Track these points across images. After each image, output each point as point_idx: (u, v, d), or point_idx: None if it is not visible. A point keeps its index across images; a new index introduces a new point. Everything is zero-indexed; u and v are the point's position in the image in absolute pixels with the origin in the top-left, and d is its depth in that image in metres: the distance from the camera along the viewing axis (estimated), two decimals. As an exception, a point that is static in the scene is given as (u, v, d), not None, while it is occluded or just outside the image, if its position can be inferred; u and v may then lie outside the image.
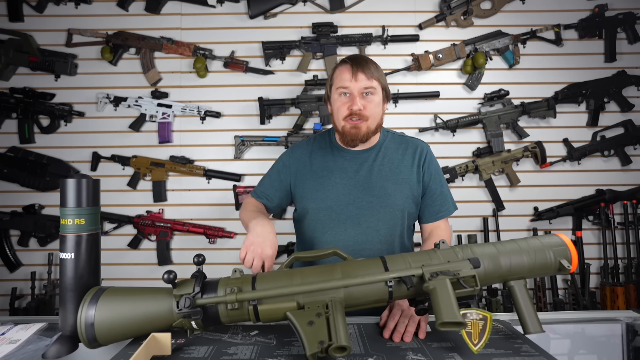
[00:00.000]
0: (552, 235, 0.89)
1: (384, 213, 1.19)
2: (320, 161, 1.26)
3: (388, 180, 1.21)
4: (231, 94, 2.33)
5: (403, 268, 0.82)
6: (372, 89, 1.17)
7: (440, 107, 2.32)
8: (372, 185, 1.20)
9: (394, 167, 1.23)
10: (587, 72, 2.31)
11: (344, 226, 1.19)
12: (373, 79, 1.18)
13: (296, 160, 1.29)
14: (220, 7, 2.33)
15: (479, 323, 0.77)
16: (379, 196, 1.19)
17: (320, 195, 1.22)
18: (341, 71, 1.20)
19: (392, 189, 1.20)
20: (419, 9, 2.33)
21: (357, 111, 1.16)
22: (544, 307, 2.19)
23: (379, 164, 1.23)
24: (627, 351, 1.02)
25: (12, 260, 2.26)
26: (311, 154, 1.29)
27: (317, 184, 1.23)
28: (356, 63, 1.18)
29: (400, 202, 1.20)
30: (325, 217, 1.21)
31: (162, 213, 2.29)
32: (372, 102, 1.18)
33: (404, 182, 1.22)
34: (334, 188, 1.22)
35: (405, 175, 1.23)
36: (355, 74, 1.16)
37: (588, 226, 2.31)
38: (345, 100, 1.18)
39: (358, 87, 1.16)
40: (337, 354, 0.68)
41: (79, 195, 0.84)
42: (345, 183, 1.22)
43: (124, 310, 0.79)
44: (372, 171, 1.22)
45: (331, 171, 1.24)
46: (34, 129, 2.30)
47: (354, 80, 1.16)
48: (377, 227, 1.19)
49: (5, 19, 2.29)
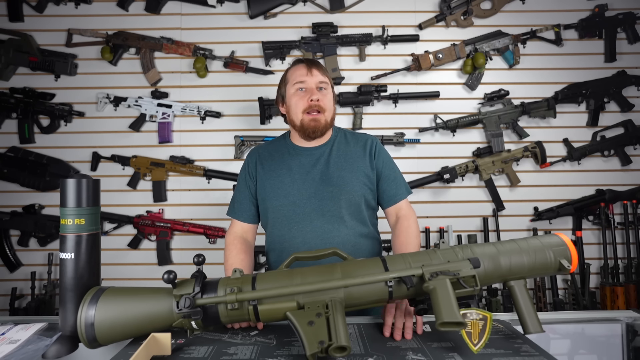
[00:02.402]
0: (552, 235, 0.89)
1: (345, 200, 1.23)
2: (278, 162, 1.31)
3: (344, 169, 1.26)
4: (231, 94, 2.33)
5: (403, 268, 0.82)
6: (325, 84, 1.27)
7: (440, 107, 2.32)
8: (330, 175, 1.25)
9: (348, 157, 1.29)
10: (587, 72, 2.31)
11: (309, 218, 1.22)
12: (325, 75, 1.28)
13: (254, 166, 1.33)
14: (220, 7, 2.33)
15: (479, 323, 0.77)
16: (338, 185, 1.24)
17: (281, 192, 1.26)
18: (296, 69, 1.28)
19: (349, 177, 1.26)
20: (419, 9, 2.34)
21: (317, 101, 1.23)
22: (544, 307, 2.19)
23: (335, 157, 1.29)
24: (627, 351, 1.02)
25: (12, 260, 2.26)
26: (268, 156, 1.33)
27: (277, 182, 1.27)
28: (309, 61, 1.28)
29: (358, 188, 1.25)
30: (290, 213, 1.24)
31: (162, 213, 2.29)
32: (327, 95, 1.26)
33: (359, 170, 1.27)
34: (294, 184, 1.26)
35: (359, 165, 1.28)
36: (310, 69, 1.25)
37: (588, 226, 2.31)
38: (302, 95, 1.25)
39: (314, 81, 1.25)
40: (337, 354, 0.68)
41: (79, 195, 0.84)
42: (305, 178, 1.26)
43: (124, 310, 0.79)
44: (329, 163, 1.27)
45: (289, 169, 1.28)
46: (34, 129, 2.30)
47: (310, 75, 1.25)
48: (341, 214, 1.22)
49: (5, 19, 2.29)
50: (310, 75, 1.24)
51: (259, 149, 1.37)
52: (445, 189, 2.31)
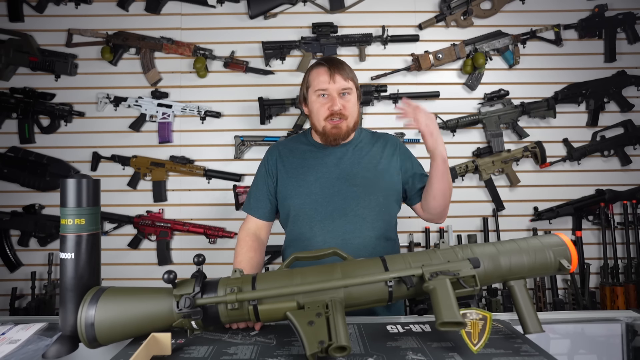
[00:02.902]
0: (552, 235, 0.89)
1: (369, 201, 1.22)
2: (300, 160, 1.29)
3: (368, 170, 1.26)
4: (231, 94, 2.33)
5: (403, 268, 0.82)
6: (349, 89, 1.23)
7: (440, 107, 2.32)
8: (354, 175, 1.24)
9: (372, 158, 1.28)
10: (587, 72, 2.31)
11: (331, 217, 1.21)
12: (349, 79, 1.23)
13: (274, 163, 1.32)
14: (220, 7, 2.33)
15: (479, 323, 0.77)
16: (362, 185, 1.23)
17: (304, 191, 1.24)
18: (318, 73, 1.24)
19: (374, 177, 1.25)
20: (419, 9, 2.33)
21: (338, 111, 1.20)
22: (544, 307, 2.19)
23: (358, 157, 1.28)
24: (627, 351, 1.02)
25: (12, 260, 2.26)
26: (289, 154, 1.32)
27: (299, 181, 1.26)
28: (332, 65, 1.23)
29: (383, 189, 1.25)
30: (312, 211, 1.22)
31: (162, 213, 2.29)
32: (349, 101, 1.24)
33: (383, 172, 1.27)
34: (317, 182, 1.24)
35: (383, 166, 1.28)
36: (332, 76, 1.21)
37: (588, 226, 2.31)
38: (324, 102, 1.23)
39: (336, 88, 1.21)
40: (337, 354, 0.68)
41: (79, 195, 0.84)
42: (328, 176, 1.25)
43: (124, 310, 0.79)
44: (353, 163, 1.27)
45: (312, 167, 1.27)
46: (34, 129, 2.30)
47: (332, 82, 1.21)
48: (364, 214, 1.21)
49: (5, 19, 2.29)
50: (332, 82, 1.21)
51: (279, 146, 1.35)
52: (445, 189, 2.31)
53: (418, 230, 2.29)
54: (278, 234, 1.36)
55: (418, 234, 2.28)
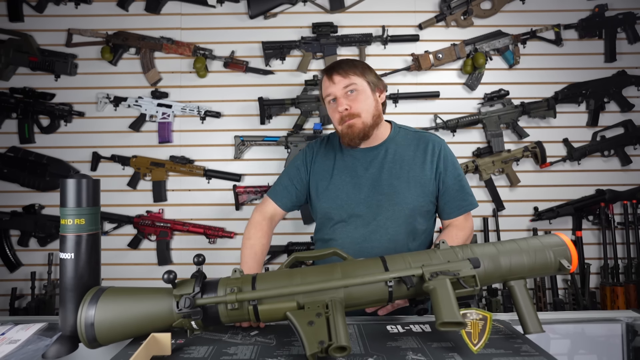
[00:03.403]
0: (552, 235, 0.89)
1: (393, 211, 1.18)
2: (331, 161, 1.28)
3: (398, 178, 1.20)
4: (231, 94, 2.33)
5: (403, 268, 0.82)
6: (352, 85, 1.18)
7: (440, 107, 2.32)
8: (382, 183, 1.20)
9: (405, 164, 1.22)
10: (587, 72, 2.31)
11: (353, 225, 1.20)
12: (350, 75, 1.19)
13: (311, 160, 1.32)
14: (220, 7, 2.32)
15: (479, 323, 0.77)
16: (388, 194, 1.19)
17: (331, 194, 1.23)
18: (324, 82, 1.24)
19: (402, 187, 1.19)
20: (419, 9, 2.33)
21: (344, 112, 1.18)
22: (544, 307, 2.19)
23: (389, 162, 1.22)
24: (627, 351, 1.02)
25: (12, 260, 2.26)
26: (324, 154, 1.31)
27: (328, 184, 1.25)
28: (330, 68, 1.22)
29: (410, 201, 1.18)
30: (337, 217, 1.22)
31: (162, 213, 2.29)
32: (357, 98, 1.19)
33: (415, 180, 1.20)
34: (344, 187, 1.23)
35: (416, 173, 1.20)
36: (331, 78, 1.20)
37: (588, 226, 2.31)
38: (334, 106, 1.21)
39: (339, 89, 1.19)
40: (337, 354, 0.68)
41: (79, 195, 0.84)
42: (355, 182, 1.22)
43: (124, 310, 0.79)
44: (382, 169, 1.22)
45: (341, 170, 1.25)
46: (34, 129, 2.30)
47: (333, 84, 1.19)
48: (386, 225, 1.18)
49: (5, 19, 2.29)
50: (333, 85, 1.19)
51: (315, 145, 1.35)
52: (445, 189, 2.31)
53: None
54: (277, 234, 1.37)
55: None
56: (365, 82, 1.21)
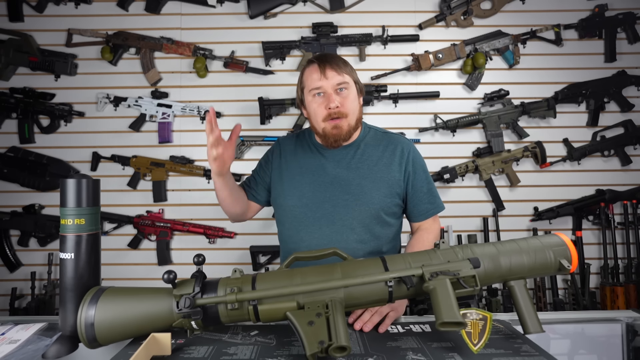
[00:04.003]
0: (552, 235, 0.89)
1: (359, 211, 1.16)
2: (300, 159, 1.25)
3: (365, 178, 1.18)
4: (231, 94, 2.33)
5: (403, 268, 0.82)
6: (345, 84, 1.15)
7: (440, 107, 2.32)
8: (349, 182, 1.18)
9: (373, 164, 1.20)
10: (587, 72, 2.31)
11: (318, 224, 1.17)
12: (344, 73, 1.15)
13: (277, 156, 1.29)
14: (220, 7, 2.33)
15: (479, 323, 0.77)
16: (355, 194, 1.17)
17: (297, 192, 1.20)
18: (310, 72, 1.18)
19: (369, 187, 1.17)
20: (419, 9, 2.33)
21: (335, 109, 1.13)
22: (544, 307, 2.19)
23: (357, 161, 1.20)
24: (627, 351, 1.02)
25: (12, 260, 2.26)
26: (293, 151, 1.28)
27: (295, 182, 1.22)
28: (323, 60, 1.16)
29: (377, 201, 1.17)
30: (301, 215, 1.19)
31: (162, 213, 2.29)
32: (347, 97, 1.16)
33: (382, 180, 1.18)
34: (310, 186, 1.20)
35: (384, 174, 1.19)
36: (324, 71, 1.14)
37: (588, 226, 2.31)
38: (320, 101, 1.15)
39: (331, 85, 1.14)
40: (337, 354, 0.68)
41: (79, 195, 0.84)
42: (323, 180, 1.20)
43: (124, 310, 0.79)
44: (350, 168, 1.20)
45: (309, 169, 1.22)
46: (34, 129, 2.30)
47: (325, 78, 1.14)
48: (352, 225, 1.16)
49: (5, 19, 2.29)
50: (324, 79, 1.13)
51: (283, 142, 1.32)
52: (445, 189, 2.31)
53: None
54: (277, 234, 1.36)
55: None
56: (354, 82, 1.19)
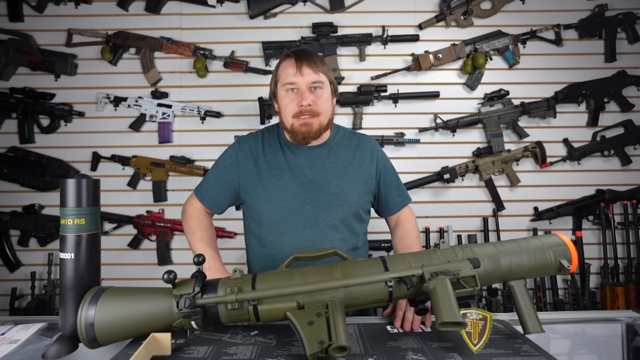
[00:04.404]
0: (552, 235, 0.89)
1: (342, 211, 1.15)
2: (271, 159, 1.19)
3: (343, 177, 1.18)
4: (231, 94, 2.32)
5: (403, 268, 0.82)
6: (320, 83, 1.12)
7: (440, 107, 2.32)
8: (328, 182, 1.16)
9: (347, 164, 1.20)
10: (587, 72, 2.31)
11: (301, 227, 1.14)
12: (320, 72, 1.12)
13: (245, 158, 1.21)
14: (220, 7, 2.33)
15: (479, 323, 0.77)
16: (335, 194, 1.15)
17: (274, 195, 1.16)
18: (285, 66, 1.13)
19: (348, 186, 1.17)
20: (419, 9, 2.33)
21: (307, 107, 1.10)
22: (544, 307, 2.19)
23: (332, 161, 1.19)
24: (627, 351, 1.02)
25: (12, 260, 2.26)
26: (261, 150, 1.21)
27: (269, 184, 1.17)
28: (300, 57, 1.12)
29: (356, 199, 1.18)
30: (281, 219, 1.15)
31: (162, 213, 2.29)
32: (321, 97, 1.13)
33: (358, 179, 1.19)
34: (288, 187, 1.16)
35: (359, 173, 1.20)
36: (300, 68, 1.10)
37: (588, 226, 2.31)
38: (293, 97, 1.12)
39: (305, 82, 1.11)
40: (337, 354, 0.68)
41: (79, 195, 0.83)
42: (300, 182, 1.16)
43: (124, 310, 0.79)
44: (326, 168, 1.18)
45: (283, 169, 1.18)
46: (34, 129, 2.30)
47: (300, 75, 1.10)
48: (336, 225, 1.15)
49: (5, 19, 2.29)
50: (300, 75, 1.10)
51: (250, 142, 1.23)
52: (445, 189, 2.31)
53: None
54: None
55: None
56: (329, 83, 1.16)
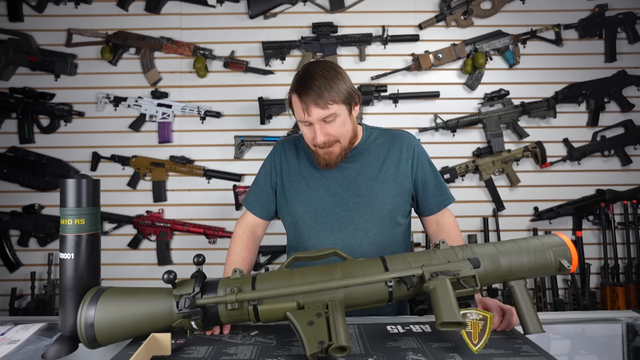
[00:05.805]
0: (552, 235, 0.89)
1: (372, 213, 1.14)
2: (305, 162, 1.21)
3: (375, 179, 1.16)
4: (231, 94, 2.33)
5: (403, 268, 0.82)
6: (331, 115, 1.07)
7: (440, 107, 2.32)
8: (359, 185, 1.16)
9: (380, 164, 1.18)
10: (587, 72, 2.31)
11: (330, 229, 1.15)
12: (328, 103, 1.06)
13: (281, 160, 1.24)
14: (220, 7, 2.33)
15: (479, 323, 0.77)
16: (366, 196, 1.15)
17: (305, 197, 1.17)
18: (295, 103, 1.11)
19: (379, 187, 1.16)
20: (419, 9, 2.33)
21: (321, 144, 1.09)
22: (544, 307, 2.19)
23: (365, 163, 1.19)
24: (627, 351, 1.02)
25: (12, 260, 2.26)
26: (294, 155, 1.24)
27: (302, 186, 1.19)
28: (305, 95, 1.06)
29: (389, 201, 1.16)
30: (311, 221, 1.16)
31: (162, 213, 2.29)
32: (333, 125, 1.09)
33: (391, 180, 1.17)
34: (318, 190, 1.17)
35: (392, 173, 1.17)
36: (307, 110, 1.06)
37: (588, 226, 2.31)
38: (307, 131, 1.11)
39: (316, 119, 1.07)
40: (337, 354, 0.68)
41: (79, 196, 0.83)
42: (330, 184, 1.17)
43: (124, 311, 0.79)
44: (358, 170, 1.18)
45: (315, 172, 1.19)
46: (33, 129, 2.30)
47: (308, 115, 1.07)
48: (366, 228, 1.14)
49: (5, 19, 2.29)
50: (307, 115, 1.07)
51: (285, 145, 1.26)
52: (445, 189, 2.31)
53: (418, 230, 2.28)
54: (277, 234, 1.36)
55: (418, 234, 2.28)
56: (343, 105, 1.10)
